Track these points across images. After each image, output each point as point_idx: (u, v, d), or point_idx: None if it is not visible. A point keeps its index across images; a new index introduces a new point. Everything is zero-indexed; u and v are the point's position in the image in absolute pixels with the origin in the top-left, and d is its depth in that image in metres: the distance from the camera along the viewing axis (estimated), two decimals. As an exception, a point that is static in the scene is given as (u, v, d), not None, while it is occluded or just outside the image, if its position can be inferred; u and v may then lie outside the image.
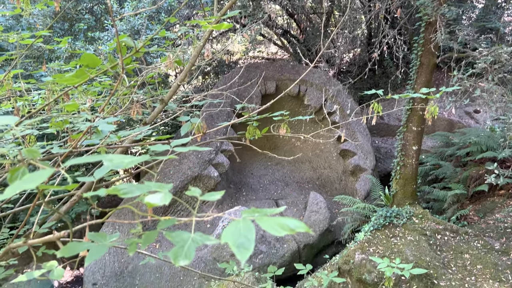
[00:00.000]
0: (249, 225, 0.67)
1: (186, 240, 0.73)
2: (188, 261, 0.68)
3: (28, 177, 0.59)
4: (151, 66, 2.58)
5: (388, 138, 13.41)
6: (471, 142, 8.67)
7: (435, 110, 3.08)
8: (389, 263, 2.53)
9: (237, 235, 0.65)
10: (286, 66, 12.16)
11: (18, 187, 0.57)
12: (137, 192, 0.74)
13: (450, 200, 7.99)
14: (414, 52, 7.38)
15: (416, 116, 7.58)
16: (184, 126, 2.17)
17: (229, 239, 0.65)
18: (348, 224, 8.78)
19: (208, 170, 10.22)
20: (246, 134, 2.62)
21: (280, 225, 0.67)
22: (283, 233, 0.66)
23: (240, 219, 0.71)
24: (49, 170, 0.61)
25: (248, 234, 0.65)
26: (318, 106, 11.19)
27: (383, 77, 13.95)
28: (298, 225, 0.69)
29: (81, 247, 0.78)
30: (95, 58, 2.39)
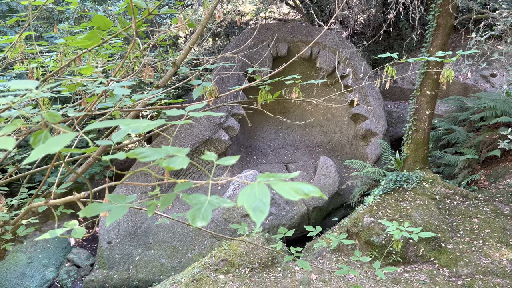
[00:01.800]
0: (264, 189, 0.69)
1: (203, 202, 0.75)
2: (205, 223, 0.71)
3: (53, 140, 0.60)
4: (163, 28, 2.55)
5: (400, 102, 13.24)
6: (485, 107, 8.52)
7: (451, 74, 3.02)
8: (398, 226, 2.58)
9: (252, 198, 0.67)
10: (298, 27, 11.89)
11: (44, 150, 0.59)
12: (155, 156, 0.75)
13: (461, 165, 7.97)
14: (431, 13, 7.14)
15: (430, 79, 7.43)
16: (196, 90, 2.17)
17: (244, 202, 0.67)
18: (358, 188, 8.85)
19: (219, 134, 10.27)
20: (258, 98, 2.61)
21: (294, 190, 0.69)
22: (297, 197, 0.68)
23: (255, 183, 0.73)
24: (72, 134, 0.63)
25: (264, 198, 0.67)
26: (331, 69, 11.02)
27: (398, 39, 13.58)
28: (312, 190, 0.71)
29: (102, 208, 0.81)
30: (106, 20, 2.36)
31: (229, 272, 6.24)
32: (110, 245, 8.61)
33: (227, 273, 6.23)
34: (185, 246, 8.77)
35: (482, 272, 5.42)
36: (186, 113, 1.17)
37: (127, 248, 8.64)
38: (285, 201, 9.44)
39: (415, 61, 3.35)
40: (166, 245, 8.72)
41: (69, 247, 9.64)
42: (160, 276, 8.22)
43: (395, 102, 13.40)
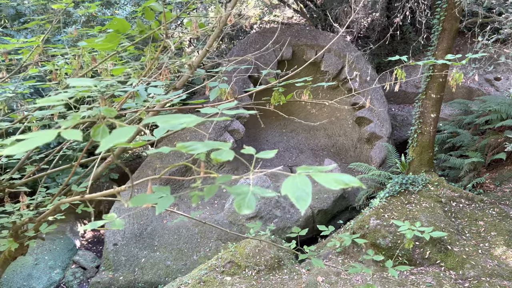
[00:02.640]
0: (305, 179, 0.73)
1: (246, 192, 0.80)
2: (250, 210, 0.75)
3: (118, 132, 0.65)
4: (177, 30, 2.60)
5: (405, 105, 13.27)
6: (490, 110, 8.55)
7: (460, 77, 3.06)
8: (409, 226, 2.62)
9: (295, 188, 0.71)
10: (303, 31, 11.96)
11: (111, 141, 0.63)
12: (202, 149, 0.80)
13: (467, 168, 7.99)
14: (436, 17, 7.19)
15: (435, 83, 7.47)
16: (213, 92, 2.22)
17: (288, 192, 0.72)
18: (363, 191, 8.88)
19: (224, 137, 10.33)
20: (271, 100, 2.66)
21: (335, 180, 0.73)
22: (338, 187, 0.72)
23: (296, 175, 0.77)
24: (133, 127, 0.68)
25: (305, 188, 0.71)
26: (336, 72, 11.07)
27: (402, 43, 13.63)
28: (352, 180, 0.75)
29: (149, 199, 0.86)
30: (125, 23, 2.42)
31: (235, 274, 6.27)
32: (116, 247, 8.65)
33: (234, 275, 6.26)
34: (190, 249, 8.80)
35: (489, 275, 5.44)
36: (219, 111, 1.21)
37: (132, 250, 8.67)
38: (290, 204, 9.47)
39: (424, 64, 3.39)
40: (172, 247, 8.76)
41: (75, 249, 9.68)
42: (166, 278, 8.25)
43: (399, 105, 13.43)
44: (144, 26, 2.61)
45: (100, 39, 2.57)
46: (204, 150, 0.81)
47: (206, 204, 10.25)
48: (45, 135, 0.64)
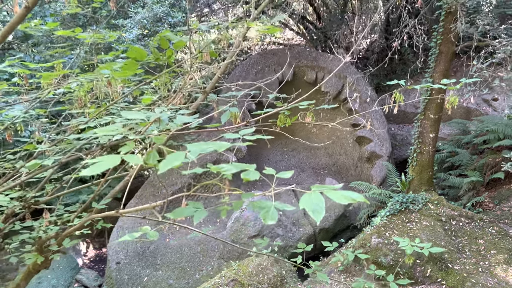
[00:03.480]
0: (319, 196, 0.89)
1: (269, 206, 0.95)
2: (274, 221, 0.90)
3: (173, 157, 0.80)
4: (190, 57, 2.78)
5: (404, 125, 13.47)
6: (488, 130, 8.73)
7: (455, 100, 3.24)
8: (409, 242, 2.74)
9: (310, 203, 0.87)
10: (304, 52, 12.25)
11: (168, 165, 0.79)
12: (234, 170, 0.95)
13: (466, 187, 8.12)
14: (433, 41, 7.44)
15: (434, 104, 7.67)
16: (224, 115, 2.39)
17: (305, 206, 0.87)
18: (364, 210, 8.98)
19: (225, 156, 10.46)
20: (277, 122, 2.82)
21: (344, 197, 0.89)
22: (347, 202, 0.87)
23: (311, 192, 0.93)
24: (183, 153, 0.83)
25: (319, 203, 0.87)
26: (335, 93, 11.30)
27: (400, 64, 13.92)
28: (358, 196, 0.91)
29: (186, 212, 1.00)
30: (142, 52, 2.60)
31: (239, 292, 6.32)
32: (119, 266, 8.70)
33: (237, 293, 6.32)
34: (192, 267, 8.84)
35: (489, 293, 5.51)
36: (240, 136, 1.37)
37: (135, 268, 8.72)
38: (292, 222, 9.56)
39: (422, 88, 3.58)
40: (174, 266, 8.80)
41: (77, 268, 9.72)
42: (168, 297, 8.27)
43: (398, 125, 13.64)
44: (159, 54, 2.80)
45: (117, 65, 2.76)
46: (235, 171, 0.96)
47: (208, 223, 10.32)
48: (112, 159, 0.79)
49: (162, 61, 2.75)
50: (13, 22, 1.43)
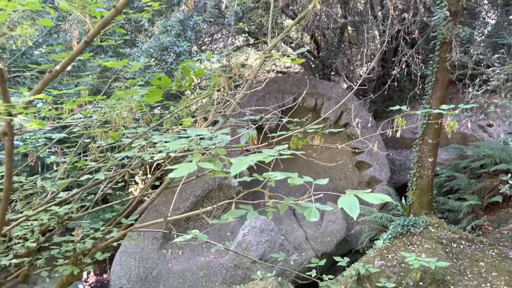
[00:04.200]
0: (353, 198, 1.08)
1: (311, 207, 1.13)
2: (316, 219, 1.08)
3: (237, 164, 0.99)
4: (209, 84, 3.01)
5: (402, 150, 13.71)
6: (485, 155, 8.97)
7: (454, 124, 3.46)
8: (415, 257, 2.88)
9: (347, 203, 1.05)
10: (303, 80, 12.60)
11: (238, 169, 0.97)
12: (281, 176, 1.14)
13: (465, 210, 8.28)
14: (430, 69, 7.77)
15: (432, 129, 7.93)
16: (243, 137, 2.60)
17: (343, 205, 1.06)
18: (366, 233, 9.09)
19: (228, 180, 10.60)
20: (290, 144, 3.03)
21: (375, 197, 1.07)
22: (377, 202, 1.06)
23: (346, 195, 1.12)
24: (246, 159, 1.02)
25: (355, 203, 1.06)
26: (335, 119, 11.58)
27: (397, 91, 14.30)
28: (385, 197, 1.10)
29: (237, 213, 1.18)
30: (167, 80, 2.83)
31: (244, 315, 6.36)
32: (122, 291, 8.69)
33: (243, 316, 6.36)
34: (195, 292, 8.85)
35: (492, 314, 5.59)
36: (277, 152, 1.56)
37: (138, 293, 8.71)
38: (294, 247, 9.64)
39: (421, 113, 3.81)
40: (177, 290, 8.80)
41: (79, 293, 9.67)
42: (172, 322, 8.24)
43: (396, 150, 13.88)
44: (181, 81, 3.02)
45: (142, 92, 2.98)
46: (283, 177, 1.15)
47: (210, 247, 10.36)
48: (189, 166, 0.98)
49: (184, 88, 2.98)
50: (73, 54, 1.63)
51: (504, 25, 13.24)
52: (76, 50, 1.64)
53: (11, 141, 1.24)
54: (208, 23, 10.62)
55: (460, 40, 6.80)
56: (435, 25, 6.91)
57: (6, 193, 1.41)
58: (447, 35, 6.76)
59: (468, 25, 10.69)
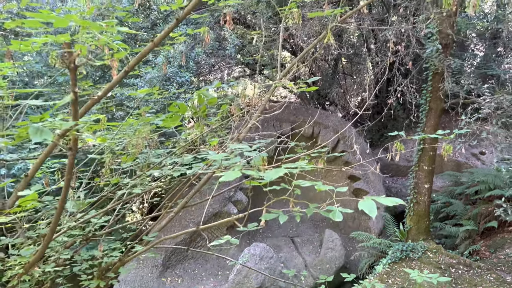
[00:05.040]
0: (371, 201, 1.27)
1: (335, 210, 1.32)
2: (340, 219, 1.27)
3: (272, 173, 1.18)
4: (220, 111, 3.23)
5: (398, 178, 13.93)
6: (479, 181, 9.20)
7: (450, 149, 3.69)
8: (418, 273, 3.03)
9: (366, 206, 1.24)
10: (300, 109, 12.94)
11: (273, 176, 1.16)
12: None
13: (462, 235, 8.43)
14: (423, 98, 8.10)
15: (427, 156, 8.18)
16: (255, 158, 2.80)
17: (364, 208, 1.25)
18: (365, 259, 9.16)
19: (227, 207, 10.71)
20: (298, 167, 3.23)
21: (390, 201, 1.26)
22: (391, 204, 1.25)
23: (365, 199, 1.31)
24: (281, 169, 1.21)
25: (372, 206, 1.24)
26: (332, 147, 11.83)
27: (391, 120, 14.67)
28: (398, 200, 1.29)
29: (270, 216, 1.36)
30: (184, 107, 3.06)
31: None
32: (122, 320, 8.62)
33: None
34: (195, 321, 8.79)
35: (493, 337, 5.66)
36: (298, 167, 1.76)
37: (138, 322, 8.64)
38: (294, 275, 9.65)
39: (414, 139, 4.05)
40: (177, 319, 8.74)
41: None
42: None
43: (392, 178, 14.09)
44: (196, 108, 3.25)
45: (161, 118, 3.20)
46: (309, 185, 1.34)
47: (210, 276, 10.35)
48: (235, 173, 1.16)
49: (199, 114, 3.20)
50: (113, 82, 1.84)
51: (493, 57, 13.80)
52: (116, 79, 1.86)
53: (74, 155, 1.43)
54: (209, 55, 11.00)
55: (451, 71, 7.16)
56: (428, 57, 7.29)
57: (62, 202, 1.57)
58: (439, 66, 7.12)
59: (458, 57, 11.18)
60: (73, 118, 1.40)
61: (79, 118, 1.45)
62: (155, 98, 8.74)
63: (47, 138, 1.18)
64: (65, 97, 1.35)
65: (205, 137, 3.44)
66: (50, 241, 1.83)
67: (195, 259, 10.53)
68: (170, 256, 10.02)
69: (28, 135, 1.20)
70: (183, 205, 2.62)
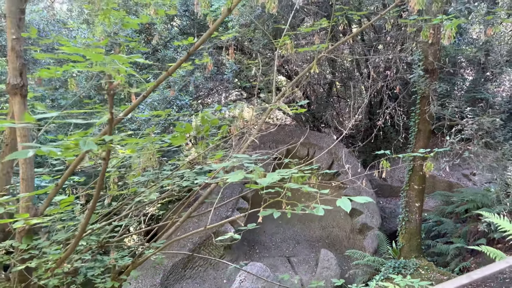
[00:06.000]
0: (346, 200, 1.58)
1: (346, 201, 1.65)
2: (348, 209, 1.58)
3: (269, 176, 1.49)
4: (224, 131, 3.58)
5: (391, 198, 14.24)
6: (468, 200, 9.53)
7: (431, 166, 4.04)
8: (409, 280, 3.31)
9: (342, 203, 1.56)
10: (296, 131, 13.33)
11: (269, 180, 1.48)
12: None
13: (453, 253, 8.68)
14: (412, 120, 8.51)
15: (417, 175, 8.53)
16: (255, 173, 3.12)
17: (340, 204, 1.57)
18: (360, 277, 9.37)
19: (224, 227, 10.93)
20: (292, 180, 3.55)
21: (362, 199, 1.58)
22: (363, 201, 1.57)
23: (342, 199, 1.63)
24: (275, 175, 1.53)
25: (347, 202, 1.56)
26: (326, 167, 12.16)
27: (384, 142, 15.08)
28: (369, 199, 1.61)
29: (267, 212, 1.67)
30: (189, 126, 3.40)
31: None
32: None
33: None
34: None
35: None
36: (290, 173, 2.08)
37: None
38: (290, 293, 9.81)
39: (404, 157, 4.41)
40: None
41: None
42: None
43: (386, 198, 14.40)
44: (200, 128, 3.59)
45: (168, 137, 3.54)
46: (296, 187, 1.66)
47: (208, 295, 10.49)
48: (239, 175, 1.47)
49: (202, 134, 3.54)
50: (133, 105, 2.17)
51: (481, 81, 14.33)
52: (136, 103, 2.20)
53: (106, 164, 1.74)
54: (207, 79, 11.44)
55: (438, 95, 7.59)
56: (414, 82, 7.74)
57: (93, 203, 1.87)
58: (425, 90, 7.56)
59: (448, 81, 11.67)
60: (108, 133, 1.73)
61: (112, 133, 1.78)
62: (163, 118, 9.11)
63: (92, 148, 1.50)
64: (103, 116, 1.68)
65: (206, 154, 3.77)
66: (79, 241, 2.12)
67: (192, 278, 10.68)
68: (168, 276, 10.17)
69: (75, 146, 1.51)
70: (188, 215, 2.92)
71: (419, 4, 2.98)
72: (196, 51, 9.81)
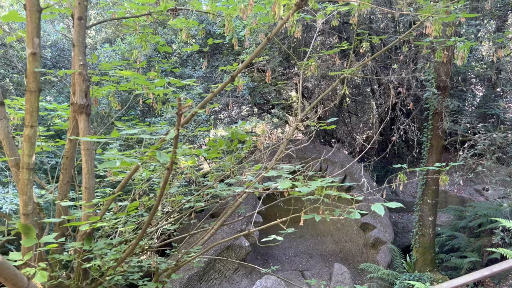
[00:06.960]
0: (380, 206, 1.82)
1: (379, 206, 1.89)
2: (382, 213, 1.83)
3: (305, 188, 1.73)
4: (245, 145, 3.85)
5: (404, 213, 14.32)
6: (481, 215, 9.64)
7: (446, 179, 4.26)
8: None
9: (377, 208, 1.80)
10: (308, 146, 13.56)
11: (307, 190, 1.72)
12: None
13: (467, 267, 8.77)
14: (425, 136, 8.73)
15: (430, 190, 8.69)
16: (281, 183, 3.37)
17: (375, 209, 1.81)
18: (373, 292, 9.46)
19: (239, 240, 11.12)
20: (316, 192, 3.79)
21: (394, 204, 1.82)
22: (395, 206, 1.81)
23: (375, 204, 1.87)
24: (312, 185, 1.77)
25: (381, 209, 1.80)
26: (339, 182, 12.35)
27: (396, 157, 15.24)
28: (399, 204, 1.85)
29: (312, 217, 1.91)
30: (221, 141, 3.68)
31: None
32: None
33: None
34: None
35: None
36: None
37: None
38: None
39: (420, 172, 4.63)
40: None
41: None
42: None
43: (398, 213, 14.49)
44: (230, 143, 3.87)
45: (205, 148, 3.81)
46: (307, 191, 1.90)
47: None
48: (288, 183, 1.71)
49: (231, 148, 3.82)
50: (184, 122, 2.45)
51: (492, 97, 14.51)
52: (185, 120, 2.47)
53: (169, 173, 2.01)
54: (222, 95, 11.78)
55: (450, 111, 7.82)
56: (427, 98, 7.98)
57: (154, 209, 2.12)
58: (438, 106, 7.79)
59: (459, 97, 11.89)
60: (174, 146, 2.00)
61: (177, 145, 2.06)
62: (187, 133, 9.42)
63: (166, 160, 1.77)
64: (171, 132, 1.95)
65: (234, 168, 4.04)
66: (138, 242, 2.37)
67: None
68: (185, 287, 10.35)
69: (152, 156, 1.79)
70: (222, 223, 3.17)
71: (436, 31, 3.26)
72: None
